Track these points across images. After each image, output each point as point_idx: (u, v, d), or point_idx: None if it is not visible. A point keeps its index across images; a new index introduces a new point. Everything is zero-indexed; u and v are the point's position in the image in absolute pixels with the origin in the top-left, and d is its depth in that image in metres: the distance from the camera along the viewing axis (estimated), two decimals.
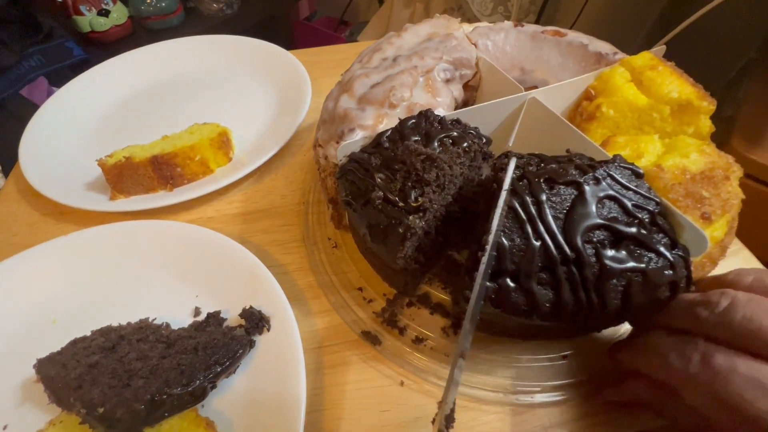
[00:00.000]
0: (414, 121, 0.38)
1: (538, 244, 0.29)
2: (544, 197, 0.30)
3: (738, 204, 0.33)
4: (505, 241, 0.30)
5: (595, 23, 0.98)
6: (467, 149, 0.36)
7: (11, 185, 0.57)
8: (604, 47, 0.47)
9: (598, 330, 0.38)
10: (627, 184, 0.31)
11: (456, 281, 0.39)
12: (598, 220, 0.29)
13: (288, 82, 0.67)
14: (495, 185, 0.32)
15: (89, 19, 1.19)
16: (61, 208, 0.53)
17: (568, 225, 0.29)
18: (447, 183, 0.34)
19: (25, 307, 0.42)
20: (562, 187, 0.31)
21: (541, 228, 0.29)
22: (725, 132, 0.77)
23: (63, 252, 0.45)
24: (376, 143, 0.38)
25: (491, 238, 0.29)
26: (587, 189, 0.30)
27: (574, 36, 0.48)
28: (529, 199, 0.30)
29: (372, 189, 0.35)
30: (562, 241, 0.29)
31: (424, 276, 0.41)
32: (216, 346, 0.36)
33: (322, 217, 0.49)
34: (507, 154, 0.34)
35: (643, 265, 0.29)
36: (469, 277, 0.29)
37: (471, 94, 0.50)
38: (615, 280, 0.29)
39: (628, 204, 0.30)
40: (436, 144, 0.35)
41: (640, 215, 0.30)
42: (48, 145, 0.60)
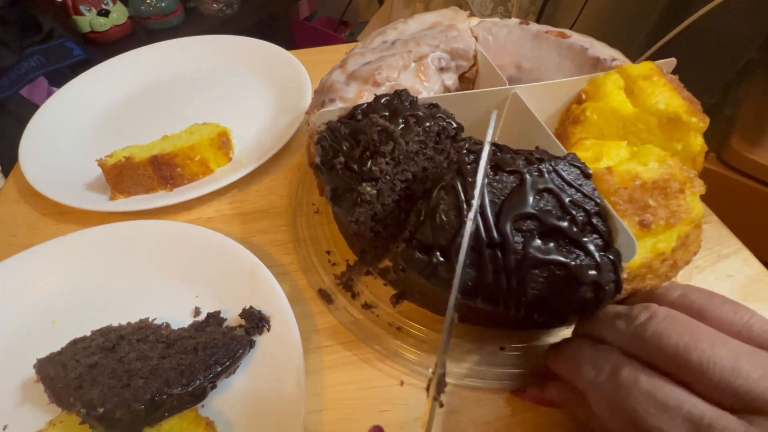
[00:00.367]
0: (388, 98, 0.39)
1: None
2: (486, 181, 0.31)
3: (692, 219, 0.32)
4: (443, 217, 0.31)
5: (595, 23, 0.99)
6: (428, 129, 0.37)
7: (11, 185, 0.57)
8: (604, 52, 0.46)
9: (533, 325, 0.38)
10: (570, 181, 0.31)
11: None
12: (531, 210, 0.30)
13: (288, 82, 0.67)
14: (456, 166, 0.33)
15: (89, 19, 1.19)
16: (60, 208, 0.53)
17: (501, 210, 0.30)
18: (402, 158, 0.36)
19: (25, 307, 0.42)
20: (506, 174, 0.31)
21: (476, 209, 0.30)
22: (725, 132, 0.78)
23: (63, 252, 0.45)
24: (350, 115, 0.40)
25: (472, 214, 0.30)
26: (528, 179, 0.31)
27: (577, 39, 0.48)
28: (471, 180, 0.31)
29: (336, 155, 0.37)
30: (492, 225, 0.30)
31: (384, 249, 0.42)
32: (216, 346, 0.36)
33: (312, 184, 0.52)
34: (468, 139, 0.35)
35: (567, 260, 0.29)
36: (408, 244, 0.31)
37: (467, 85, 0.50)
38: (537, 270, 0.29)
39: (566, 200, 0.30)
40: (400, 120, 0.37)
41: (574, 212, 0.30)
42: (48, 145, 0.60)
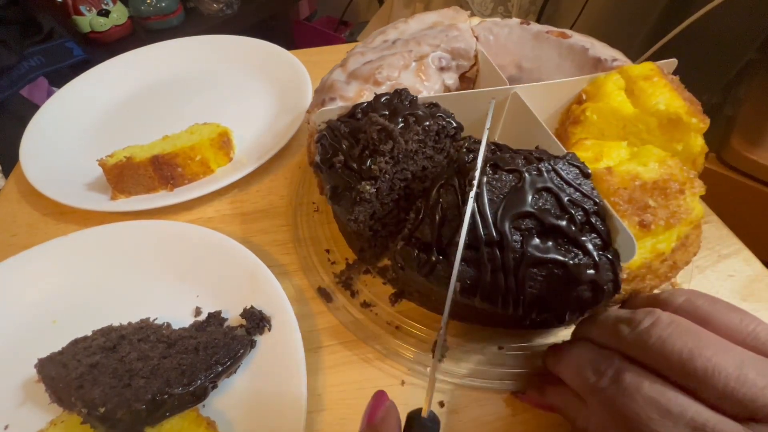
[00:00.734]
0: (387, 97, 0.40)
1: (469, 222, 0.30)
2: (485, 179, 0.31)
3: (692, 220, 0.32)
4: (441, 216, 0.31)
5: (596, 23, 0.99)
6: (427, 128, 0.37)
7: (11, 185, 0.57)
8: (605, 53, 0.46)
9: (532, 324, 0.37)
10: (569, 180, 0.31)
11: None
12: (530, 209, 0.30)
13: (288, 82, 0.67)
14: (455, 165, 0.33)
15: (89, 19, 1.19)
16: (61, 207, 0.53)
17: (500, 209, 0.30)
18: (402, 157, 0.36)
19: (26, 307, 0.42)
20: (505, 173, 0.31)
21: (475, 207, 0.30)
22: (725, 132, 0.78)
23: (63, 252, 0.45)
24: (350, 114, 0.40)
25: (469, 208, 0.30)
26: (527, 178, 0.31)
27: (578, 39, 0.48)
28: (471, 177, 0.31)
29: (336, 154, 0.37)
30: (491, 223, 0.30)
31: (383, 248, 0.42)
32: (217, 346, 0.36)
33: (312, 183, 0.52)
34: (468, 138, 0.35)
35: (565, 259, 0.29)
36: (406, 243, 0.31)
37: (468, 85, 0.51)
38: (535, 269, 0.29)
39: (564, 198, 0.30)
40: (399, 120, 0.37)
41: (573, 211, 0.30)
42: (49, 145, 0.60)
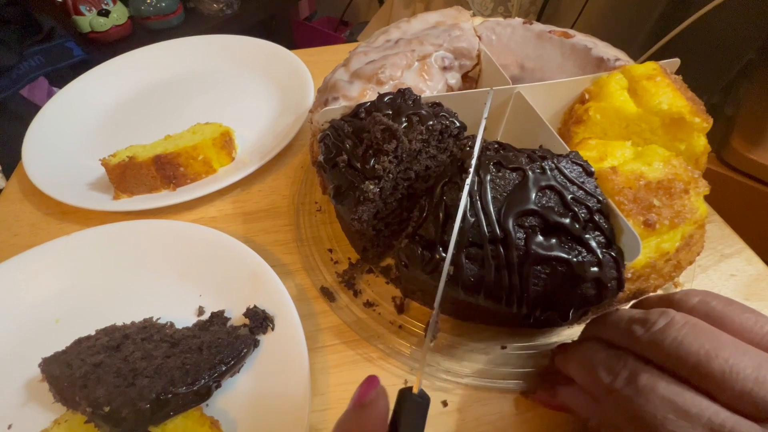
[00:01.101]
0: (391, 96, 0.40)
1: (472, 219, 0.30)
2: (488, 177, 0.31)
3: (696, 220, 0.32)
4: (445, 214, 0.31)
5: (595, 24, 0.99)
6: (431, 128, 0.37)
7: (14, 185, 0.57)
8: (607, 52, 0.46)
9: (535, 323, 0.38)
10: (573, 178, 0.32)
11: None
12: (533, 207, 0.30)
13: (290, 81, 0.67)
14: (459, 163, 0.33)
15: (89, 19, 1.19)
16: (63, 207, 0.53)
17: (504, 206, 0.30)
18: (405, 156, 0.36)
19: (29, 306, 0.42)
20: (509, 171, 0.32)
21: (479, 205, 0.30)
22: (725, 132, 0.78)
23: (66, 252, 0.45)
24: (354, 113, 0.40)
25: (462, 203, 0.30)
26: (530, 176, 0.31)
27: (581, 39, 0.48)
28: (474, 177, 0.31)
29: (340, 153, 0.37)
30: (495, 221, 0.30)
31: (386, 247, 0.42)
32: (220, 346, 0.36)
33: (314, 183, 0.52)
34: (472, 137, 0.35)
35: (569, 257, 0.29)
36: (410, 241, 0.31)
37: (470, 85, 0.51)
38: (539, 266, 0.30)
39: (568, 197, 0.31)
40: (403, 119, 0.37)
41: (576, 209, 0.30)
42: (51, 145, 0.60)
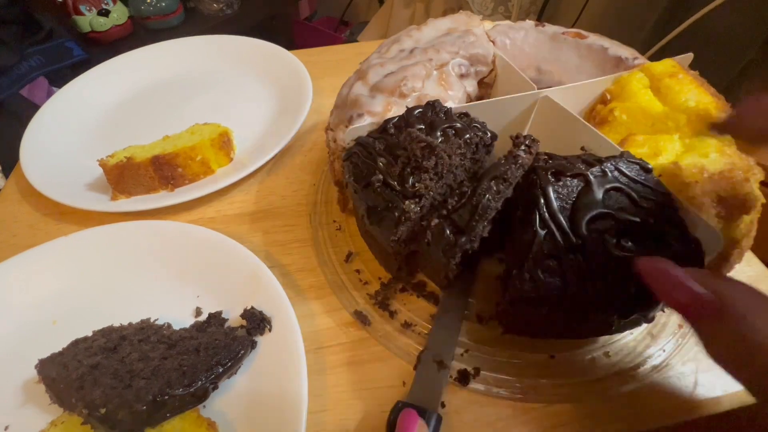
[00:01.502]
0: (420, 110, 0.39)
1: (543, 232, 0.29)
2: (550, 188, 0.31)
3: (758, 208, 0.32)
4: (485, 206, 0.30)
5: (596, 24, 0.99)
6: (468, 141, 0.37)
7: (12, 185, 0.57)
8: (624, 52, 0.46)
9: (616, 328, 0.36)
10: (635, 177, 0.31)
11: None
12: (605, 210, 0.30)
13: (289, 82, 0.67)
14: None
15: (89, 19, 1.19)
16: (61, 208, 0.53)
17: (573, 214, 0.30)
18: (445, 172, 0.35)
19: (26, 307, 0.42)
20: (569, 179, 0.31)
21: (547, 216, 0.30)
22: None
23: (64, 252, 0.45)
24: (382, 129, 0.39)
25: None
26: (593, 180, 0.31)
27: (595, 39, 0.48)
28: (536, 190, 0.31)
29: (373, 172, 0.36)
30: (568, 230, 0.29)
31: (417, 264, 0.42)
32: (217, 347, 0.36)
33: (330, 200, 0.51)
34: (518, 135, 0.35)
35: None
36: (443, 220, 0.31)
37: (486, 90, 0.51)
38: (621, 269, 0.29)
39: (635, 196, 0.30)
40: (438, 134, 0.36)
41: (646, 205, 0.30)
42: (49, 146, 0.59)
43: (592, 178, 0.31)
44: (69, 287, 0.44)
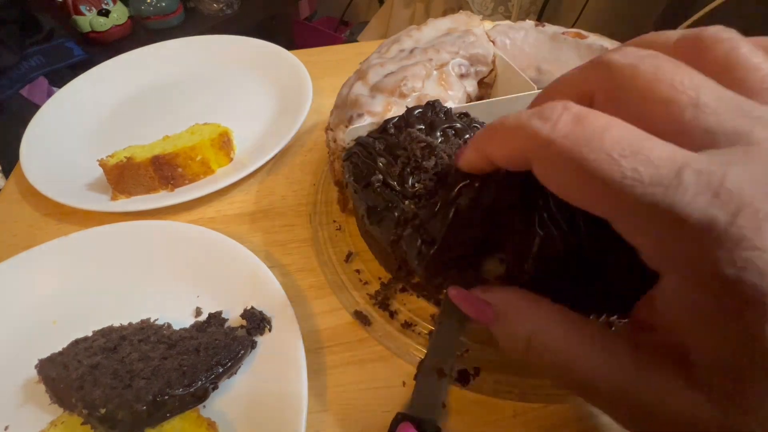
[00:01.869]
0: (420, 110, 0.38)
1: (543, 232, 0.29)
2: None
3: None
4: (457, 216, 0.30)
5: (596, 24, 0.99)
6: (468, 141, 0.36)
7: (12, 185, 0.57)
8: None
9: (616, 328, 0.35)
10: None
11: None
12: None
13: (289, 82, 0.67)
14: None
15: (89, 19, 1.19)
16: (61, 208, 0.52)
17: (573, 214, 0.29)
18: (446, 173, 0.35)
19: (26, 307, 0.42)
20: None
21: (546, 216, 0.29)
22: None
23: (64, 252, 0.45)
24: (382, 129, 0.39)
25: None
26: None
27: (595, 39, 0.48)
28: (535, 190, 0.30)
29: (373, 172, 0.36)
30: (568, 230, 0.29)
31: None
32: (217, 347, 0.36)
33: (330, 200, 0.50)
34: None
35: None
36: (414, 230, 0.31)
37: (486, 90, 0.51)
38: (622, 268, 0.28)
39: None
40: (438, 134, 0.36)
41: None
42: (49, 146, 0.60)
43: None
44: (69, 287, 0.44)
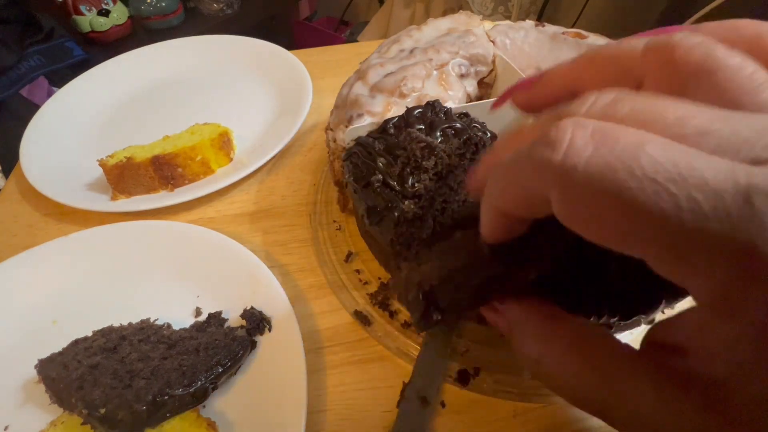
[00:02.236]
0: (420, 110, 0.39)
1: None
2: None
3: None
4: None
5: (596, 24, 0.99)
6: (467, 141, 0.36)
7: (12, 185, 0.57)
8: None
9: (616, 329, 0.34)
10: None
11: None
12: None
13: (289, 82, 0.67)
14: None
15: (89, 19, 1.19)
16: (61, 208, 0.53)
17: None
18: (445, 173, 0.35)
19: (26, 307, 0.42)
20: None
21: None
22: None
23: (64, 252, 0.45)
24: (382, 129, 0.39)
25: None
26: None
27: (595, 39, 0.48)
28: None
29: (373, 172, 0.36)
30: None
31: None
32: (217, 347, 0.36)
33: (330, 200, 0.50)
34: None
35: None
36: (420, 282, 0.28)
37: (486, 90, 0.51)
38: (623, 271, 0.27)
39: None
40: (438, 134, 0.36)
41: None
42: (49, 146, 0.60)
43: None
44: (69, 287, 0.44)
